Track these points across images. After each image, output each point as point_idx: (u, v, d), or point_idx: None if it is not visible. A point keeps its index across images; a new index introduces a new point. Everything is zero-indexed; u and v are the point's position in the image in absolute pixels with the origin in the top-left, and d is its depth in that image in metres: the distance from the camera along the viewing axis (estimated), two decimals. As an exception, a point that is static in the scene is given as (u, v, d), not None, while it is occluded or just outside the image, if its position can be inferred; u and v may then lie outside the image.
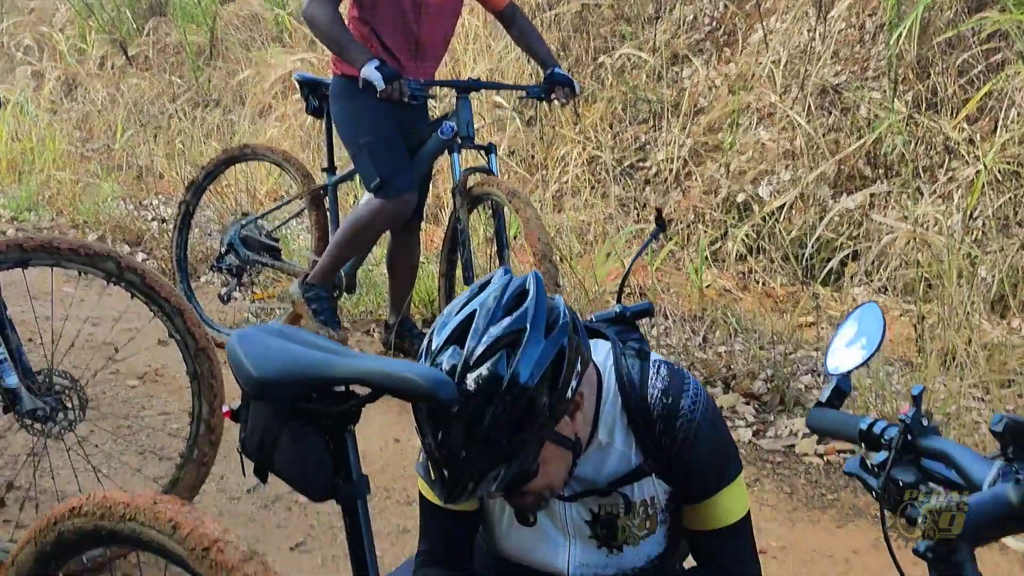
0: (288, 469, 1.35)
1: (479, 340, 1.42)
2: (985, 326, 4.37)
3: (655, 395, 1.62)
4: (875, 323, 1.37)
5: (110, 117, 8.86)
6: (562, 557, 1.71)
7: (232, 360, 1.35)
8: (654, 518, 1.70)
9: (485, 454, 1.43)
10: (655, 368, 1.66)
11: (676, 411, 1.61)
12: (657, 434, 1.62)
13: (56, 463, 3.13)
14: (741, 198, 5.81)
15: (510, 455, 1.44)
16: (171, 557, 1.51)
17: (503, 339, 1.42)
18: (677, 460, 1.62)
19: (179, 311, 2.75)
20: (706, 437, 1.62)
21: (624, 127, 6.61)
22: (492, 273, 1.55)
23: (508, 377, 1.40)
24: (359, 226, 4.10)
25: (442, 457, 1.44)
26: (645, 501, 1.68)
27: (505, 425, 1.41)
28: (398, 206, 4.03)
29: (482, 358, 1.41)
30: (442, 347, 1.44)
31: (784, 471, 3.55)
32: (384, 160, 3.99)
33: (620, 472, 1.65)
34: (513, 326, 1.43)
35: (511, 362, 1.40)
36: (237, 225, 4.75)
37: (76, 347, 3.86)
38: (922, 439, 1.12)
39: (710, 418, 1.64)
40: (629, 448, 1.65)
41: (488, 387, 1.40)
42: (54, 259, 2.69)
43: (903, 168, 5.31)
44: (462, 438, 1.42)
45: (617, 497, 1.66)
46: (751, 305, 5.09)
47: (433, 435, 1.43)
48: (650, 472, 1.65)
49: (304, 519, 3.12)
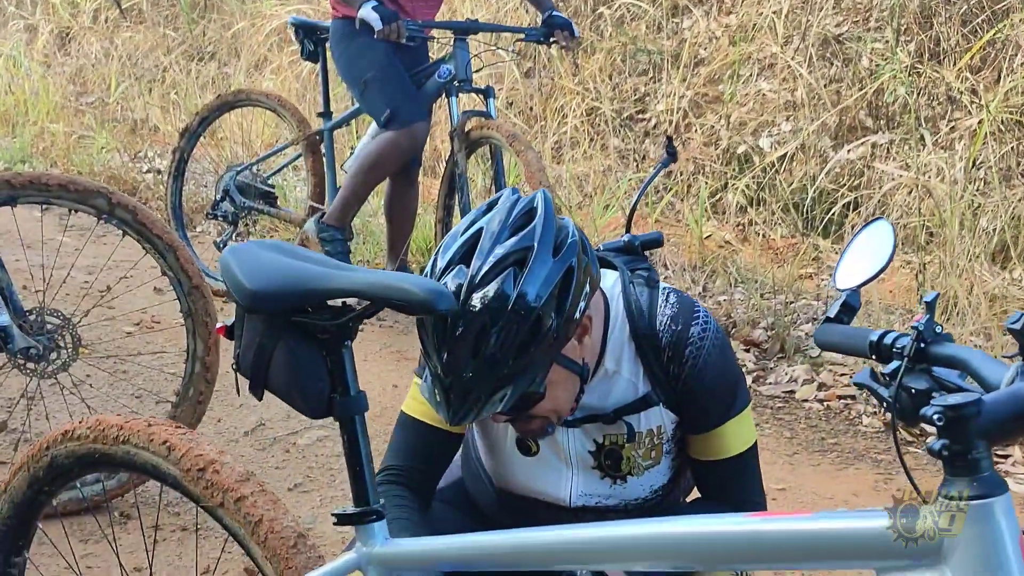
0: (283, 385, 1.32)
1: (485, 259, 1.40)
2: (986, 275, 4.34)
3: (664, 322, 1.60)
4: (885, 239, 1.33)
5: (104, 71, 8.75)
6: (564, 487, 1.69)
7: (225, 273, 1.32)
8: (659, 448, 1.67)
9: (491, 374, 1.41)
10: (664, 296, 1.64)
11: (685, 338, 1.59)
12: (665, 361, 1.60)
13: (52, 407, 3.11)
14: (741, 149, 5.75)
15: (516, 375, 1.42)
16: (166, 479, 1.49)
17: (510, 257, 1.39)
18: (685, 388, 1.61)
19: (172, 248, 2.71)
20: (715, 365, 1.60)
21: (623, 78, 6.54)
22: (499, 193, 1.52)
23: (515, 296, 1.38)
24: (373, 160, 4.04)
25: (448, 378, 1.42)
26: (651, 431, 1.65)
27: (511, 345, 1.39)
28: (410, 136, 3.98)
29: (488, 277, 1.39)
30: (447, 266, 1.42)
31: (784, 416, 3.54)
32: (391, 91, 3.94)
33: (627, 400, 1.63)
34: (520, 244, 1.40)
35: (518, 281, 1.38)
36: (233, 172, 4.69)
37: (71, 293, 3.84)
38: (935, 346, 1.09)
39: (720, 347, 1.62)
40: (636, 377, 1.63)
41: (494, 306, 1.38)
42: (43, 196, 2.64)
43: (905, 118, 5.25)
44: (468, 358, 1.40)
45: (622, 425, 1.64)
46: (751, 256, 5.06)
47: (438, 355, 1.41)
48: (658, 402, 1.63)
49: (302, 461, 3.11)
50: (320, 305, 1.29)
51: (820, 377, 3.75)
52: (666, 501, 1.76)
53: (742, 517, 1.07)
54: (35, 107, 7.81)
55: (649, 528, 1.13)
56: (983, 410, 0.91)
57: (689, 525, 1.09)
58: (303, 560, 1.37)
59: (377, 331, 4.18)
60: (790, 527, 1.02)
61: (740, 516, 1.07)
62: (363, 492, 1.32)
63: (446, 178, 4.28)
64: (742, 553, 1.07)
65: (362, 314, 1.29)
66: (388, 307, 1.26)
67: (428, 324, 1.40)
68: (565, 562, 1.25)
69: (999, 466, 3.14)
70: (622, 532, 1.16)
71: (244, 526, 1.40)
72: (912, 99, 5.27)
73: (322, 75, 4.50)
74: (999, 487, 0.91)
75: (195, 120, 4.81)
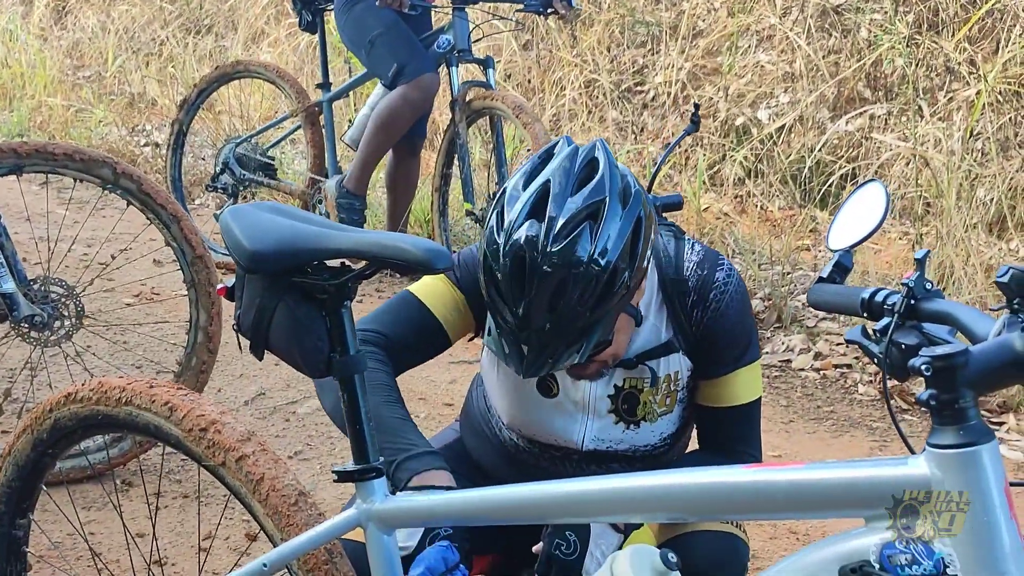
0: (284, 345, 1.33)
1: (559, 212, 1.41)
2: (982, 246, 4.36)
3: (691, 267, 1.66)
4: (878, 200, 1.35)
5: (101, 44, 8.72)
6: (579, 430, 1.72)
7: (226, 234, 1.33)
8: (675, 395, 1.72)
9: (568, 327, 1.43)
10: (690, 245, 1.70)
11: (711, 281, 1.65)
12: (690, 305, 1.65)
13: (55, 378, 3.13)
14: (740, 121, 5.75)
15: (593, 327, 1.45)
16: (168, 440, 1.51)
17: (583, 211, 1.41)
18: (706, 331, 1.66)
19: (176, 218, 2.72)
20: (735, 311, 1.66)
21: (622, 50, 6.52)
22: (554, 141, 1.53)
23: (592, 251, 1.40)
24: (385, 118, 4.04)
25: (524, 332, 1.44)
26: (670, 376, 1.70)
27: (589, 299, 1.42)
28: (419, 88, 3.98)
29: (563, 232, 1.40)
30: (518, 220, 1.42)
31: (781, 385, 3.56)
32: (398, 46, 3.95)
33: (650, 346, 1.67)
34: (592, 198, 1.42)
35: (594, 235, 1.40)
36: (232, 144, 4.69)
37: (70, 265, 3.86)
38: (925, 302, 1.11)
39: (741, 294, 1.68)
40: (661, 322, 1.68)
41: (573, 261, 1.39)
42: (49, 165, 2.65)
43: (903, 89, 5.25)
44: (545, 313, 1.42)
45: (644, 370, 1.68)
46: (749, 227, 5.07)
47: (513, 310, 1.43)
48: (679, 349, 1.68)
49: (302, 429, 3.13)
50: (319, 265, 1.31)
51: (816, 347, 3.77)
52: (672, 451, 1.79)
53: (738, 468, 1.08)
54: (32, 81, 7.79)
55: (646, 481, 1.15)
56: (970, 360, 0.93)
57: (686, 477, 1.11)
58: (304, 517, 1.39)
59: (375, 279, 4.20)
60: (783, 478, 1.04)
61: (736, 468, 1.09)
62: (363, 449, 1.34)
63: (444, 147, 4.28)
64: (737, 504, 1.09)
65: (360, 274, 1.30)
66: (386, 267, 1.27)
67: (503, 278, 1.42)
68: (562, 516, 1.27)
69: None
70: (619, 485, 1.18)
71: (245, 484, 1.42)
72: (910, 70, 5.27)
73: (320, 46, 4.49)
74: (986, 435, 0.93)
75: (193, 92, 4.80)
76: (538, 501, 1.23)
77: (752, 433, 1.72)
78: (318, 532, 1.34)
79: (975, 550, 0.92)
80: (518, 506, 1.25)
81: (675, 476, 1.12)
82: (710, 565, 1.57)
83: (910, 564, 0.95)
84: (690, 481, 1.10)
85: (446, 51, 4.01)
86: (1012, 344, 0.92)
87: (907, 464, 0.96)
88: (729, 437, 1.71)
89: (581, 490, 1.21)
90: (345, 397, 1.33)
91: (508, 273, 1.42)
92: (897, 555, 0.95)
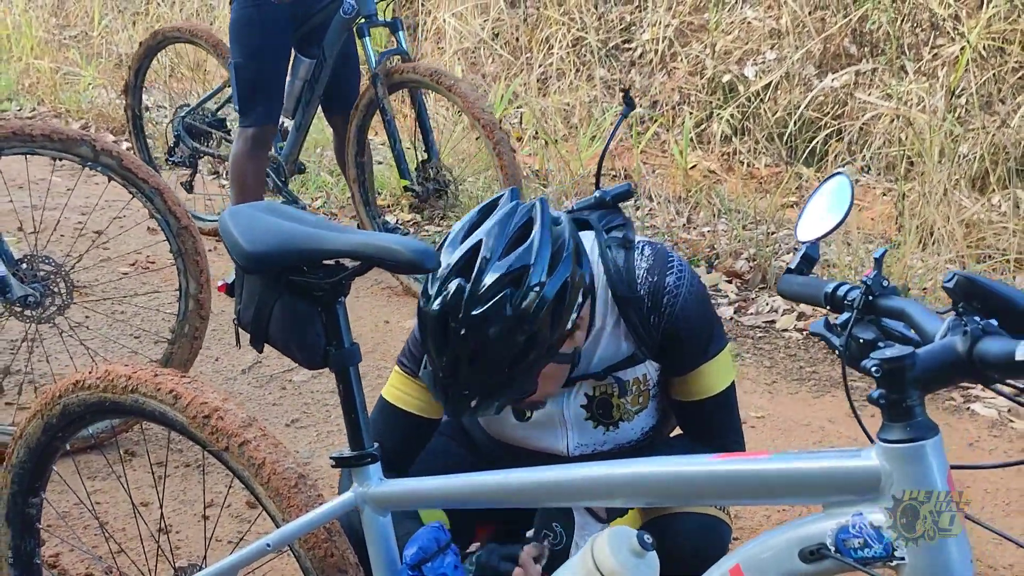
0: (283, 339, 1.41)
1: (484, 275, 1.44)
2: (965, 202, 4.43)
3: (641, 275, 1.68)
4: (844, 194, 1.41)
5: (86, 3, 8.68)
6: (562, 441, 1.80)
7: (225, 236, 1.40)
8: (646, 393, 1.78)
9: (487, 382, 1.49)
10: (639, 251, 1.72)
11: (662, 287, 1.67)
12: (646, 312, 1.68)
13: (53, 349, 3.20)
14: (726, 79, 5.79)
15: (511, 382, 1.49)
16: (174, 425, 1.59)
17: (507, 276, 1.43)
18: (665, 335, 1.69)
19: (158, 191, 2.78)
20: (692, 310, 1.69)
21: (609, 7, 6.53)
22: (500, 193, 1.56)
23: (511, 314, 1.43)
24: (235, 170, 3.97)
25: (446, 380, 1.49)
26: (637, 379, 1.75)
27: (507, 357, 1.46)
28: (258, 140, 3.92)
29: (485, 295, 1.43)
30: (447, 277, 1.46)
31: (765, 345, 3.65)
32: (254, 84, 3.85)
33: (614, 359, 1.72)
34: (518, 263, 1.44)
35: (514, 300, 1.43)
36: (179, 116, 4.71)
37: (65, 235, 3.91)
38: (882, 299, 1.18)
39: (695, 292, 1.70)
40: (620, 336, 1.71)
41: (492, 323, 1.43)
42: (28, 146, 2.67)
43: (888, 46, 5.29)
44: (465, 365, 1.47)
45: (612, 380, 1.73)
46: (735, 186, 5.13)
47: (438, 359, 1.48)
48: (644, 359, 1.73)
49: (298, 397, 3.22)
50: (315, 264, 1.38)
51: (800, 307, 3.85)
52: (656, 440, 1.87)
53: (707, 458, 1.16)
54: (18, 43, 7.76)
55: (625, 469, 1.23)
56: (916, 362, 1.00)
57: (660, 466, 1.19)
58: (303, 499, 1.48)
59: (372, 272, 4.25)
60: (749, 468, 1.13)
61: (705, 457, 1.17)
62: (358, 437, 1.42)
63: (353, 134, 4.08)
64: (705, 491, 1.18)
65: (354, 272, 1.37)
66: (378, 266, 1.34)
67: (428, 327, 1.47)
68: (547, 500, 1.36)
69: (969, 391, 3.27)
70: (600, 472, 1.27)
71: (248, 468, 1.50)
72: (895, 26, 5.30)
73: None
74: (931, 430, 1.01)
75: (130, 75, 4.84)
76: (522, 487, 1.32)
77: (730, 420, 1.77)
78: (318, 514, 1.43)
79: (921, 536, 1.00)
80: (504, 491, 1.33)
81: (651, 465, 1.21)
82: (692, 546, 1.64)
83: (862, 547, 1.03)
84: (664, 470, 1.18)
85: (352, 16, 3.85)
86: (954, 347, 1.00)
87: (860, 457, 1.04)
88: (707, 427, 1.76)
89: (564, 477, 1.29)
90: (341, 388, 1.41)
91: (431, 328, 1.46)
92: (851, 539, 1.04)
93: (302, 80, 4.06)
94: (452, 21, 6.71)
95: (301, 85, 4.08)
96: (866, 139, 5.13)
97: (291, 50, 3.99)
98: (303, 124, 4.21)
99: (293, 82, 4.08)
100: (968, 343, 0.99)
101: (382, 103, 3.88)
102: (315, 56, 3.98)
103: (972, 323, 1.00)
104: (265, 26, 3.79)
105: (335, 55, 3.99)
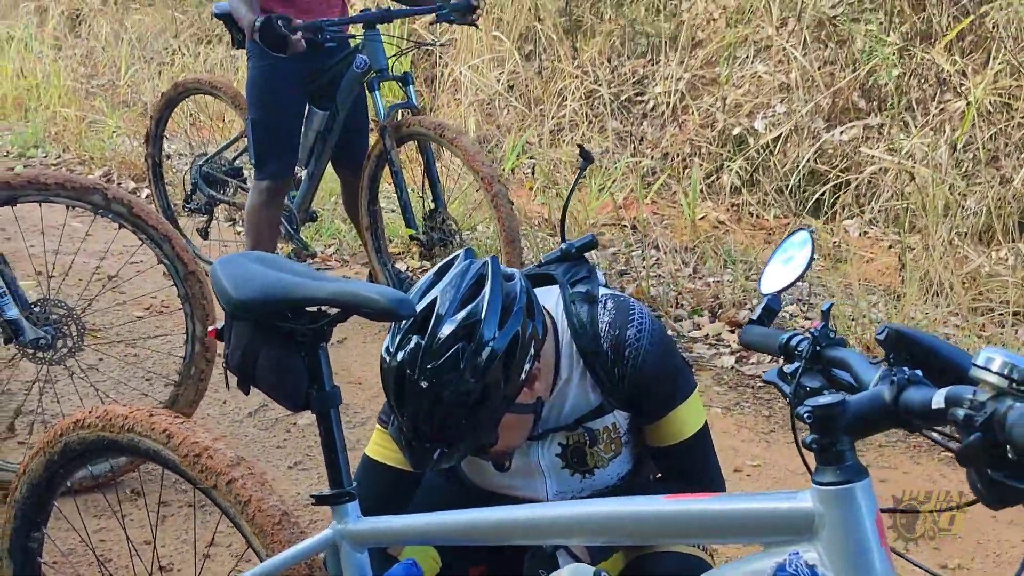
0: (267, 382, 1.50)
1: (437, 332, 1.51)
2: (971, 256, 4.47)
3: (604, 329, 1.73)
4: (804, 249, 1.47)
5: (114, 53, 8.91)
6: (541, 489, 1.85)
7: (215, 284, 1.49)
8: (618, 441, 1.82)
9: (445, 433, 1.54)
10: (602, 305, 1.77)
11: (623, 341, 1.72)
12: (610, 365, 1.73)
13: (65, 391, 3.29)
14: (737, 131, 5.88)
15: (468, 433, 1.56)
16: (166, 463, 1.66)
17: (459, 332, 1.50)
18: (632, 385, 1.74)
19: (167, 238, 2.87)
20: (655, 361, 1.73)
21: (622, 61, 6.66)
22: (456, 254, 1.63)
23: (464, 367, 1.49)
24: (251, 220, 4.11)
25: (408, 432, 1.56)
26: (607, 427, 1.80)
27: (462, 409, 1.52)
28: (272, 192, 4.06)
29: (441, 349, 1.49)
30: (405, 334, 1.53)
31: (764, 395, 3.70)
32: (268, 140, 3.99)
33: (584, 410, 1.77)
34: (469, 319, 1.51)
35: (465, 355, 1.49)
36: (197, 164, 4.83)
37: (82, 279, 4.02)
38: (828, 350, 1.25)
39: (657, 343, 1.74)
40: (587, 388, 1.76)
41: (445, 378, 1.49)
42: (42, 195, 2.78)
43: (896, 101, 5.37)
44: (423, 421, 1.53)
45: (582, 431, 1.78)
46: (743, 237, 5.20)
47: (399, 413, 1.55)
48: (611, 409, 1.78)
49: (302, 440, 3.29)
50: (298, 311, 1.46)
51: (800, 357, 3.89)
52: (635, 482, 1.91)
53: (657, 499, 1.22)
54: (47, 91, 7.97)
55: (583, 509, 1.31)
56: (847, 409, 1.07)
57: (614, 506, 1.26)
58: (286, 535, 1.55)
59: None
60: (695, 508, 1.19)
61: (656, 498, 1.22)
62: (338, 476, 1.49)
63: (366, 183, 4.21)
64: (657, 530, 1.24)
65: (335, 319, 1.45)
66: (356, 314, 1.42)
67: (389, 382, 1.54)
68: (515, 538, 1.42)
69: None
70: (561, 512, 1.34)
71: (235, 505, 1.58)
72: (903, 82, 5.39)
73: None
74: (860, 474, 1.07)
75: (151, 124, 4.98)
76: (492, 526, 1.38)
77: (705, 461, 1.81)
78: (298, 549, 1.50)
79: (851, 573, 1.06)
80: (474, 530, 1.40)
81: (606, 505, 1.27)
82: None
83: (798, 585, 1.09)
84: (616, 509, 1.25)
85: (364, 71, 3.98)
86: (882, 395, 1.06)
87: (796, 499, 1.10)
88: (684, 470, 1.80)
89: (536, 516, 1.36)
90: (322, 428, 1.49)
91: (392, 383, 1.53)
92: (788, 577, 1.10)
93: (315, 131, 4.18)
94: (468, 73, 6.85)
95: (314, 136, 4.20)
96: (874, 192, 5.20)
97: (305, 105, 4.11)
98: (315, 173, 4.33)
99: (307, 133, 4.19)
100: (894, 392, 1.05)
101: (390, 155, 4.00)
102: (328, 108, 4.10)
103: (899, 373, 1.07)
104: (280, 84, 3.93)
105: (347, 108, 4.12)
